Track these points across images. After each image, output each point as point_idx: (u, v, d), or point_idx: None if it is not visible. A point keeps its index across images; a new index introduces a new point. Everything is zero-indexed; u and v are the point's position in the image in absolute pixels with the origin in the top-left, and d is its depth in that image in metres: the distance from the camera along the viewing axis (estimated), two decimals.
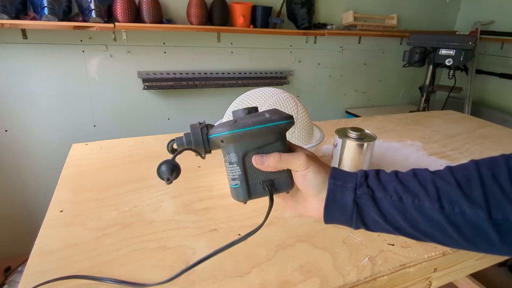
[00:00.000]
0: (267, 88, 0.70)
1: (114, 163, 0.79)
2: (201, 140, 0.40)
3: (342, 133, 0.75)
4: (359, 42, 2.19)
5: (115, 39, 1.55)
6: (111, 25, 1.39)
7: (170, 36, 1.66)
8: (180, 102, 1.82)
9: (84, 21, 1.39)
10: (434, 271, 0.54)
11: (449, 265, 0.55)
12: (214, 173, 0.77)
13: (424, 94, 2.04)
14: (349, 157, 0.72)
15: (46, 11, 1.27)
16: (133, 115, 1.73)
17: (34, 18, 1.34)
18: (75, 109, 1.60)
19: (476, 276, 1.35)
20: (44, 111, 1.54)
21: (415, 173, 0.37)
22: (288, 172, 0.40)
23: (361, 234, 0.57)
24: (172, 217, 0.60)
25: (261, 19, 1.70)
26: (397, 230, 0.36)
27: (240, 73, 1.88)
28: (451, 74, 1.89)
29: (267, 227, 0.57)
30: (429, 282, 0.55)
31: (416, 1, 2.30)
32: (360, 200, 0.36)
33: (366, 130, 0.75)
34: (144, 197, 0.66)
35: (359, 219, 0.37)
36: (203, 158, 0.41)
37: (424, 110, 2.08)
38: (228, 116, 0.69)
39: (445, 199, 0.33)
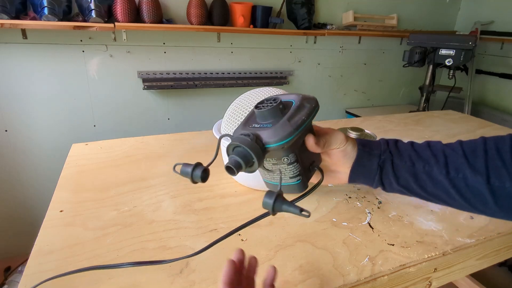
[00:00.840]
0: (267, 88, 0.70)
1: (114, 163, 0.79)
2: (260, 154, 0.34)
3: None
4: (359, 42, 2.19)
5: (115, 39, 1.55)
6: (111, 25, 1.39)
7: (170, 36, 1.66)
8: (180, 102, 1.82)
9: (84, 21, 1.39)
10: (434, 271, 0.54)
11: (449, 265, 0.55)
12: (214, 173, 0.76)
13: (424, 94, 2.04)
14: None
15: (46, 11, 1.27)
16: (133, 115, 1.73)
17: (34, 18, 1.34)
18: (75, 109, 1.60)
19: (476, 276, 1.35)
20: (44, 111, 1.54)
21: (429, 144, 0.42)
22: None
23: (361, 234, 0.57)
24: (172, 217, 0.60)
25: (261, 19, 1.70)
26: (408, 190, 0.42)
27: (240, 73, 1.88)
28: (451, 74, 1.89)
29: (267, 227, 0.57)
30: (429, 282, 0.55)
31: (416, 1, 2.30)
32: (382, 164, 0.42)
33: (366, 130, 0.75)
34: (144, 197, 0.66)
35: (379, 180, 0.42)
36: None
37: (424, 110, 2.08)
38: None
39: (452, 166, 0.39)
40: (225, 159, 0.72)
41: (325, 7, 2.00)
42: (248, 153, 0.33)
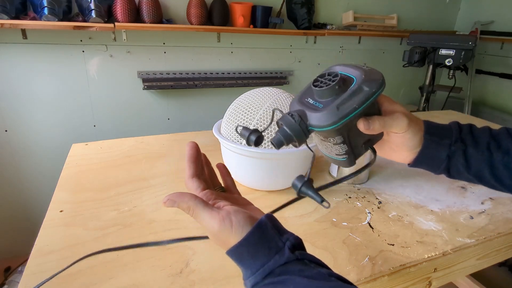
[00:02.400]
0: (267, 88, 0.70)
1: (114, 163, 0.79)
2: (302, 136, 0.35)
3: None
4: (359, 42, 2.19)
5: (115, 39, 1.54)
6: (111, 25, 1.39)
7: (170, 36, 1.66)
8: (180, 102, 1.82)
9: (84, 21, 1.39)
10: (434, 271, 0.54)
11: (449, 265, 0.55)
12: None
13: (424, 94, 2.04)
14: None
15: (46, 11, 1.27)
16: (133, 115, 1.73)
17: (34, 18, 1.34)
18: (75, 109, 1.60)
19: (476, 276, 1.35)
20: (44, 111, 1.54)
21: (509, 131, 0.39)
22: None
23: (361, 234, 0.57)
24: (172, 217, 0.60)
25: (261, 19, 1.70)
26: (479, 180, 0.40)
27: (240, 73, 1.88)
28: (451, 74, 1.89)
29: None
30: (429, 282, 0.55)
31: (416, 1, 2.30)
32: (452, 154, 0.39)
33: None
34: (144, 197, 0.66)
35: (446, 169, 0.40)
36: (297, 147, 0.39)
37: (424, 110, 2.08)
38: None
39: None
40: (225, 160, 0.72)
41: (325, 7, 2.00)
42: (289, 134, 0.35)
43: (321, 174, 0.79)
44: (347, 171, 0.74)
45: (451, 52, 1.76)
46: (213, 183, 0.43)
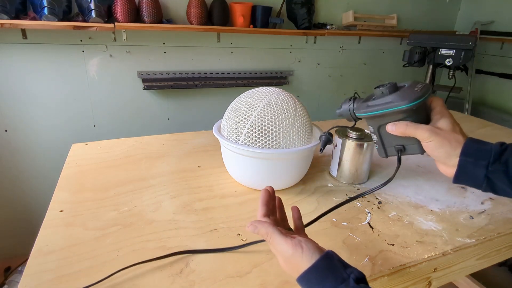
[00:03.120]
0: (266, 87, 0.70)
1: (114, 163, 0.79)
2: (350, 116, 0.51)
3: (342, 133, 0.75)
4: (359, 42, 2.19)
5: (115, 39, 1.54)
6: (111, 25, 1.38)
7: (170, 36, 1.66)
8: (180, 102, 1.82)
9: (84, 21, 1.39)
10: (434, 271, 0.54)
11: (449, 265, 0.55)
12: (214, 173, 0.77)
13: None
14: (349, 157, 0.72)
15: (46, 11, 1.27)
16: (133, 115, 1.73)
17: (34, 18, 1.34)
18: (75, 109, 1.60)
19: (476, 276, 1.35)
20: (44, 111, 1.54)
21: None
22: (418, 140, 0.45)
23: (361, 234, 0.57)
24: (172, 217, 0.60)
25: (261, 19, 1.70)
26: None
27: (240, 73, 1.88)
28: (451, 74, 1.89)
29: None
30: (429, 282, 0.55)
31: (416, 1, 2.30)
32: (492, 175, 0.40)
33: (366, 130, 0.75)
34: (144, 197, 0.66)
35: (488, 187, 0.41)
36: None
37: None
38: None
39: None
40: (225, 160, 0.72)
41: (325, 7, 2.00)
42: (346, 102, 0.53)
43: (321, 174, 0.79)
44: (346, 172, 0.74)
45: (451, 52, 1.76)
46: (283, 225, 0.46)
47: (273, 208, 0.46)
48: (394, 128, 0.45)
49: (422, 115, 0.46)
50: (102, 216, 0.59)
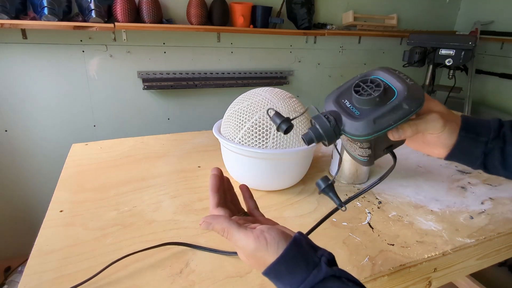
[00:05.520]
0: (266, 88, 0.70)
1: (114, 163, 0.79)
2: (334, 138, 0.37)
3: None
4: (359, 42, 2.19)
5: (115, 39, 1.54)
6: (111, 25, 1.38)
7: (170, 36, 1.66)
8: (180, 102, 1.82)
9: (84, 21, 1.39)
10: (434, 271, 0.54)
11: (449, 265, 0.55)
12: None
13: None
14: (349, 157, 0.72)
15: (46, 11, 1.27)
16: (133, 115, 1.73)
17: (34, 18, 1.34)
18: (75, 109, 1.60)
19: (476, 276, 1.35)
20: (44, 111, 1.54)
21: None
22: None
23: (361, 234, 0.57)
24: (172, 217, 0.60)
25: (261, 19, 1.70)
26: None
27: (240, 73, 1.88)
28: (451, 74, 1.89)
29: None
30: (429, 282, 0.55)
31: (416, 1, 2.30)
32: (488, 151, 0.38)
33: None
34: (144, 197, 0.66)
35: (482, 164, 0.39)
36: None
37: None
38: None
39: None
40: (225, 160, 0.72)
41: (325, 7, 2.00)
42: (321, 135, 0.36)
43: (321, 174, 0.79)
44: (346, 172, 0.74)
45: (451, 52, 1.76)
46: (237, 209, 0.43)
47: (224, 192, 0.42)
48: (402, 134, 0.37)
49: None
50: (102, 216, 0.59)
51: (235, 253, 0.50)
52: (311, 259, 0.32)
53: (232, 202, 0.44)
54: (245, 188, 0.45)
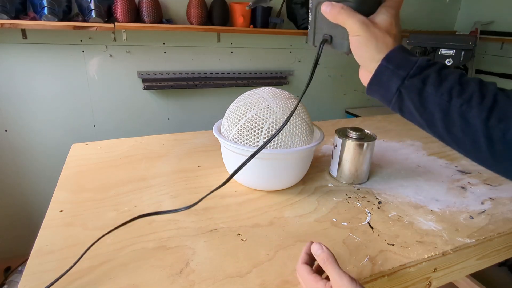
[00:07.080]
0: (266, 88, 0.70)
1: (114, 163, 0.79)
2: None
3: (342, 133, 0.75)
4: None
5: (115, 39, 1.55)
6: (111, 25, 1.39)
7: (170, 36, 1.66)
8: (180, 102, 1.82)
9: (84, 21, 1.39)
10: (434, 271, 0.54)
11: (449, 265, 0.55)
12: (214, 173, 0.77)
13: None
14: (349, 157, 0.72)
15: (46, 11, 1.27)
16: (133, 115, 1.73)
17: (34, 18, 1.34)
18: (75, 109, 1.60)
19: (476, 276, 1.35)
20: (44, 111, 1.54)
21: (481, 82, 0.35)
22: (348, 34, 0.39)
23: (361, 234, 0.57)
24: (172, 217, 0.60)
25: (261, 19, 1.70)
26: (428, 127, 0.36)
27: (240, 73, 1.88)
28: None
29: (267, 227, 0.57)
30: (429, 282, 0.55)
31: (416, 1, 2.30)
32: (405, 89, 0.35)
33: (366, 130, 0.75)
34: (144, 197, 0.66)
35: (397, 104, 0.37)
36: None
37: None
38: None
39: (497, 113, 0.32)
40: (225, 160, 0.72)
41: None
42: None
43: (321, 174, 0.79)
44: (346, 172, 0.74)
45: (451, 52, 1.76)
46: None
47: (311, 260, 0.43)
48: (328, 10, 0.38)
49: (369, 7, 0.39)
50: (102, 216, 0.59)
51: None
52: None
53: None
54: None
